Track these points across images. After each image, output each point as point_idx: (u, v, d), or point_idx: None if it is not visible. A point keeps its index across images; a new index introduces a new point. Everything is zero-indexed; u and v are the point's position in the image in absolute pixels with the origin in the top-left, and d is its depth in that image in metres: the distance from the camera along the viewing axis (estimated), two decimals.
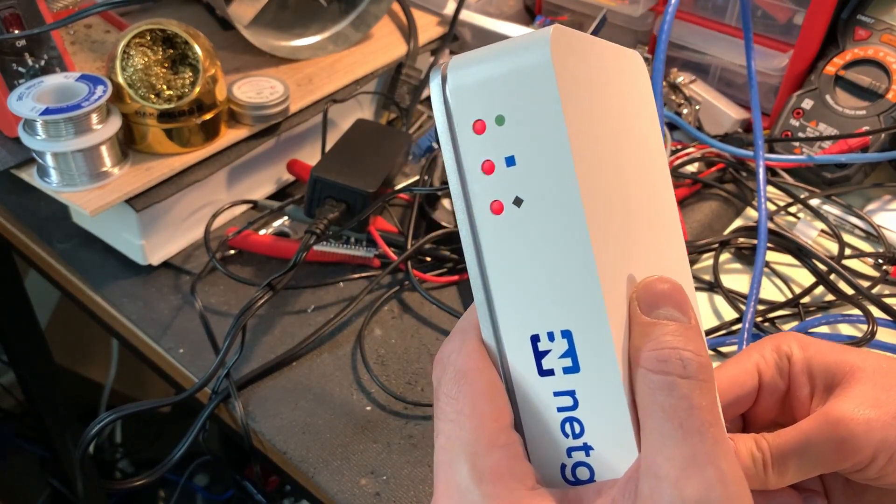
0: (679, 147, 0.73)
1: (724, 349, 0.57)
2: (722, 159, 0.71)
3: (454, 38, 0.81)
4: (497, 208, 0.26)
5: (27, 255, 0.68)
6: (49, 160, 0.56)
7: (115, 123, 0.56)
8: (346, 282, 0.62)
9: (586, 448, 0.27)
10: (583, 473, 0.27)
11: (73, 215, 0.66)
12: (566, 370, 0.27)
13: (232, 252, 0.64)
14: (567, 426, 0.27)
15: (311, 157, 0.71)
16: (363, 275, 0.62)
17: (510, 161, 0.26)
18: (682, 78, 0.76)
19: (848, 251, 0.63)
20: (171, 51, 0.59)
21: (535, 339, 0.27)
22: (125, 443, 1.34)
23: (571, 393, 0.27)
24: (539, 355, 0.27)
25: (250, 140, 0.63)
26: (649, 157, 0.32)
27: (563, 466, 0.28)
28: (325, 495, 0.49)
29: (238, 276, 0.60)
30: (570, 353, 0.26)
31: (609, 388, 0.26)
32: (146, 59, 0.58)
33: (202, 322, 0.56)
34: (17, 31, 0.58)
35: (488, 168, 0.26)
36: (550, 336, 0.27)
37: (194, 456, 1.27)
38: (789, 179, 0.70)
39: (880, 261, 0.63)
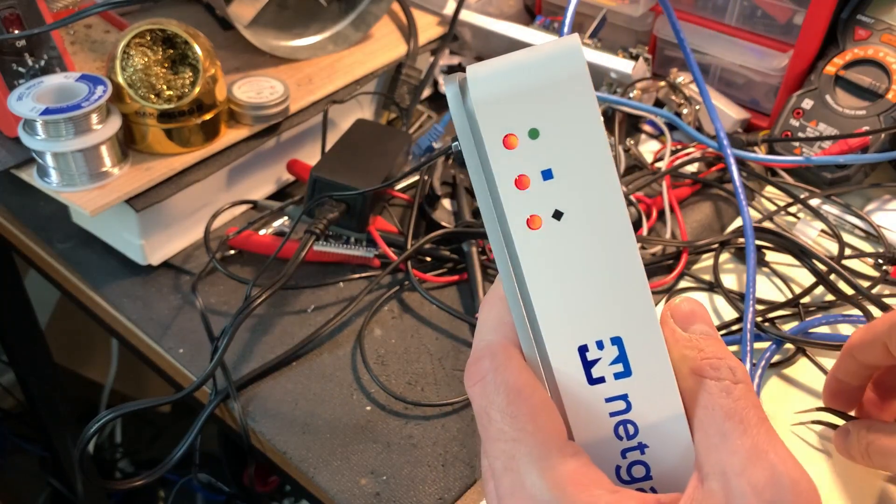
0: (679, 147, 0.73)
1: None
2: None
3: (454, 38, 0.81)
4: (535, 223, 0.26)
5: (27, 254, 0.68)
6: (49, 160, 0.56)
7: (114, 123, 0.56)
8: (346, 282, 0.62)
9: (641, 447, 0.28)
10: (638, 472, 0.28)
11: (73, 215, 0.66)
12: (618, 375, 0.27)
13: (232, 252, 0.64)
14: (620, 429, 0.28)
15: (311, 157, 0.71)
16: (363, 275, 0.62)
17: (547, 174, 0.26)
18: (681, 78, 0.76)
19: (848, 251, 0.63)
20: (171, 51, 0.59)
21: (583, 350, 0.27)
22: (125, 443, 1.34)
23: (624, 397, 0.27)
24: (588, 365, 0.27)
25: (250, 140, 0.63)
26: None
27: (618, 468, 0.28)
28: (325, 495, 0.49)
29: (238, 277, 0.60)
30: (621, 358, 0.27)
31: (664, 387, 0.27)
32: (146, 59, 0.58)
33: (203, 321, 0.56)
34: (17, 31, 0.58)
35: (522, 182, 0.26)
36: (599, 345, 0.27)
37: (194, 456, 1.27)
38: (789, 179, 0.70)
39: (880, 261, 0.63)
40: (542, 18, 0.83)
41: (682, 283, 0.62)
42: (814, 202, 0.68)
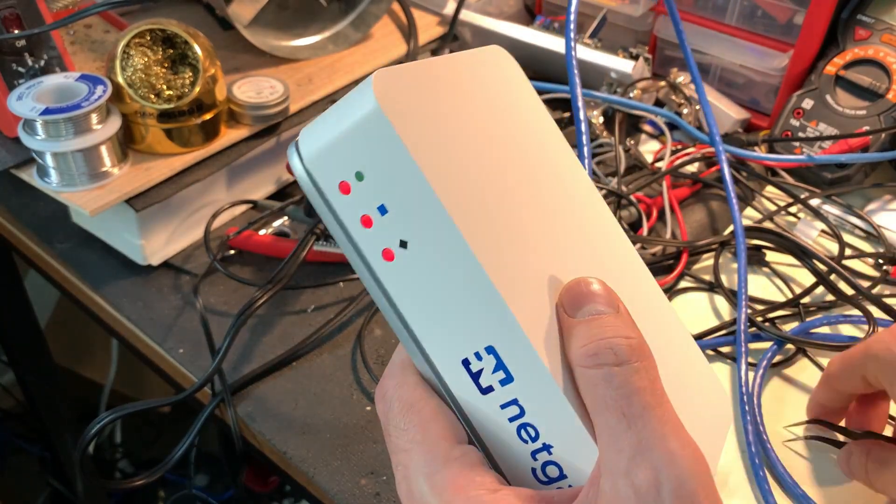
0: (679, 147, 0.73)
1: (724, 349, 0.57)
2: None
3: (454, 38, 0.81)
4: (388, 255, 0.27)
5: (27, 254, 0.68)
6: (49, 160, 0.56)
7: (114, 123, 0.56)
8: (346, 282, 0.62)
9: (546, 448, 0.28)
10: (552, 471, 0.28)
11: (73, 215, 0.66)
12: (502, 382, 0.27)
13: (231, 252, 0.64)
14: (523, 432, 0.28)
15: None
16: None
17: (382, 210, 0.27)
18: (682, 78, 0.76)
19: (848, 251, 0.63)
20: (171, 51, 0.59)
21: (466, 363, 0.28)
22: (125, 443, 1.34)
23: (515, 402, 0.28)
24: (475, 376, 0.28)
25: (250, 140, 0.63)
26: (550, 150, 0.33)
27: (534, 470, 0.28)
28: (325, 495, 0.49)
29: (238, 277, 0.60)
30: (500, 365, 0.27)
31: (545, 388, 0.27)
32: (146, 59, 0.58)
33: (202, 323, 0.56)
34: (16, 31, 0.58)
35: (366, 221, 0.27)
36: (478, 356, 0.27)
37: (194, 456, 1.27)
38: (789, 179, 0.70)
39: (880, 261, 0.63)
40: (542, 18, 0.83)
41: (683, 284, 0.62)
42: (814, 202, 0.68)
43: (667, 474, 0.24)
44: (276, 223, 0.65)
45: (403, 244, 0.27)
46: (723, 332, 0.58)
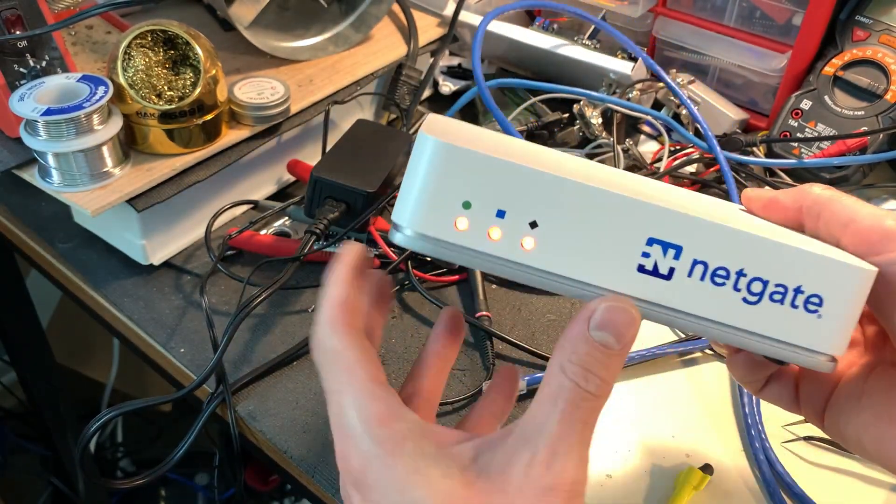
0: (678, 147, 0.73)
1: (723, 350, 0.57)
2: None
3: (454, 39, 0.81)
4: (528, 244, 0.30)
5: (29, 254, 0.68)
6: (50, 160, 0.56)
7: (116, 124, 0.57)
8: None
9: (759, 280, 0.31)
10: (777, 295, 0.32)
11: (75, 215, 0.66)
12: (676, 256, 0.31)
13: (232, 252, 0.64)
14: (723, 282, 0.31)
15: (311, 157, 0.71)
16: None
17: (501, 214, 0.30)
18: (680, 78, 0.76)
19: None
20: (172, 51, 0.59)
21: (641, 269, 0.31)
22: (126, 442, 1.34)
23: (698, 262, 0.31)
24: (655, 272, 0.31)
25: (251, 140, 0.63)
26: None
27: (769, 312, 0.31)
28: (325, 495, 0.49)
29: (239, 277, 0.61)
30: (665, 245, 0.31)
31: (710, 231, 0.30)
32: (147, 60, 0.58)
33: (207, 323, 0.56)
34: (18, 32, 0.58)
35: (494, 234, 0.30)
36: (645, 255, 0.31)
37: (195, 455, 1.28)
38: (787, 180, 0.70)
39: None
40: (541, 20, 0.83)
41: None
42: None
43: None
44: (277, 223, 0.66)
45: (533, 225, 0.30)
46: None
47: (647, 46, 0.81)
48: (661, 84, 0.76)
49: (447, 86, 0.81)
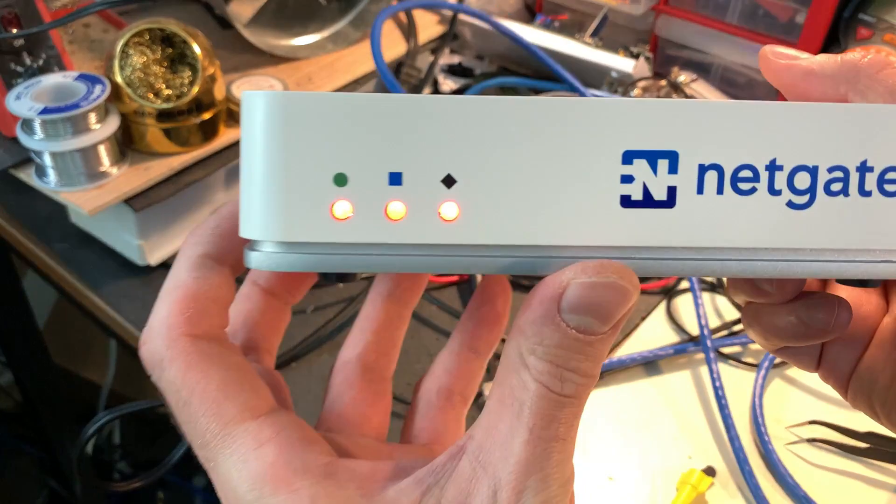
0: None
1: (725, 350, 0.56)
2: None
3: (454, 37, 0.81)
4: (450, 211, 0.21)
5: (25, 255, 0.68)
6: (47, 160, 0.55)
7: (113, 123, 0.56)
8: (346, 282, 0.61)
9: (774, 166, 0.21)
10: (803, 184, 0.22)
11: (72, 215, 0.66)
12: (671, 170, 0.22)
13: None
14: (740, 185, 0.22)
15: None
16: (363, 275, 0.62)
17: (396, 178, 0.21)
18: (683, 77, 0.75)
19: None
20: (170, 50, 0.58)
21: (626, 200, 0.22)
22: (124, 444, 1.33)
23: (712, 168, 0.21)
24: (648, 199, 0.22)
25: None
26: None
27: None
28: None
29: (239, 277, 0.60)
30: (652, 155, 0.21)
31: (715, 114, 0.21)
32: (145, 59, 0.57)
33: None
34: (15, 31, 0.57)
35: (395, 213, 0.21)
36: (629, 178, 0.21)
37: (193, 457, 1.27)
38: None
39: None
40: (542, 17, 0.82)
41: (684, 284, 0.62)
42: None
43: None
44: None
45: (449, 181, 0.21)
46: (724, 332, 0.57)
47: (649, 44, 0.80)
48: (663, 82, 0.76)
49: (447, 84, 0.80)
